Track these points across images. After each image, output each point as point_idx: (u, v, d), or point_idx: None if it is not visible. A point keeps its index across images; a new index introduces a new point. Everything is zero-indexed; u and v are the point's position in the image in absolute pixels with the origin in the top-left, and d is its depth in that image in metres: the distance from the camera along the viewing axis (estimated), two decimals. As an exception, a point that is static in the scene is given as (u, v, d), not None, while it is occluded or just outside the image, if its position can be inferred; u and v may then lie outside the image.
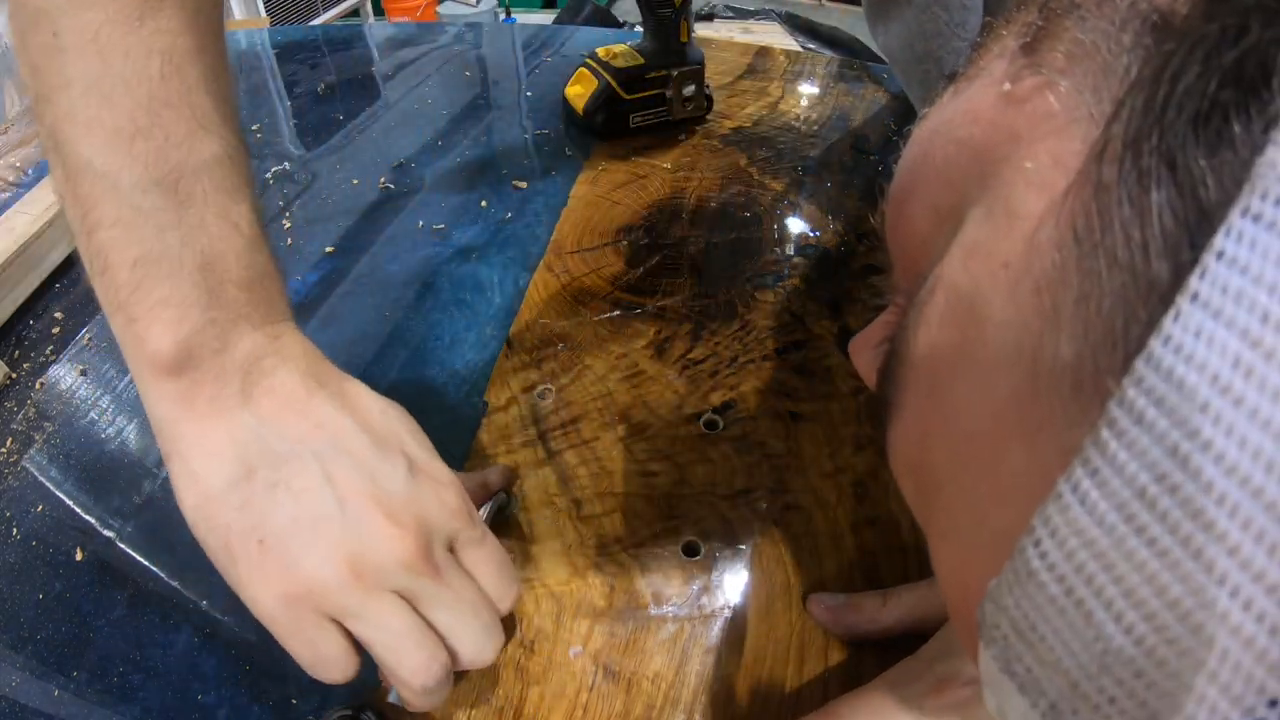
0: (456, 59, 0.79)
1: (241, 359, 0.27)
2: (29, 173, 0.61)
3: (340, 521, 0.25)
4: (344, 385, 0.29)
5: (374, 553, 0.25)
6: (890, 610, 0.32)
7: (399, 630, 0.26)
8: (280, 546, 0.25)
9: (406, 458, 0.28)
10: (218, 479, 0.26)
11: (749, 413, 0.42)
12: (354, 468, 0.26)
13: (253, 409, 0.26)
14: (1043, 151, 0.12)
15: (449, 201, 0.57)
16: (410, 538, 0.26)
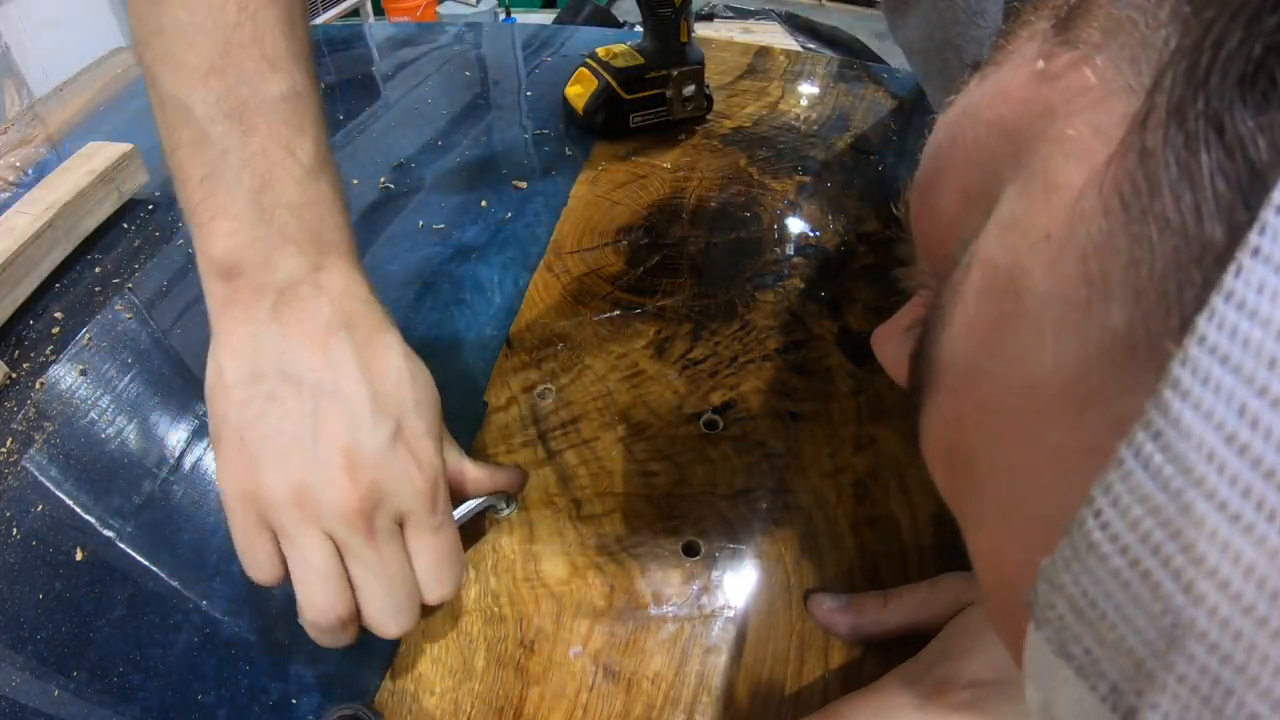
0: (456, 59, 0.79)
1: (280, 279, 0.29)
2: (29, 173, 0.61)
3: (306, 453, 0.27)
4: (374, 335, 0.30)
5: (320, 492, 0.27)
6: (891, 611, 0.32)
7: (314, 566, 0.28)
8: (253, 449, 0.28)
9: (397, 425, 0.29)
10: (232, 374, 0.29)
11: (749, 413, 0.42)
12: (341, 413, 0.28)
13: (279, 326, 0.29)
14: (1081, 123, 0.12)
15: (449, 201, 0.57)
16: (356, 494, 0.27)
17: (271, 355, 0.28)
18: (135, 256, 0.52)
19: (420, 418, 0.30)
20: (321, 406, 0.28)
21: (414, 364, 0.31)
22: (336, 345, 0.29)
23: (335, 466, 0.27)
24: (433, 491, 0.29)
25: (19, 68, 1.59)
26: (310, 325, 0.29)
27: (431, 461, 0.30)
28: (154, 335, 0.47)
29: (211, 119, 0.28)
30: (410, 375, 0.30)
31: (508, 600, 0.34)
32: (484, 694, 0.31)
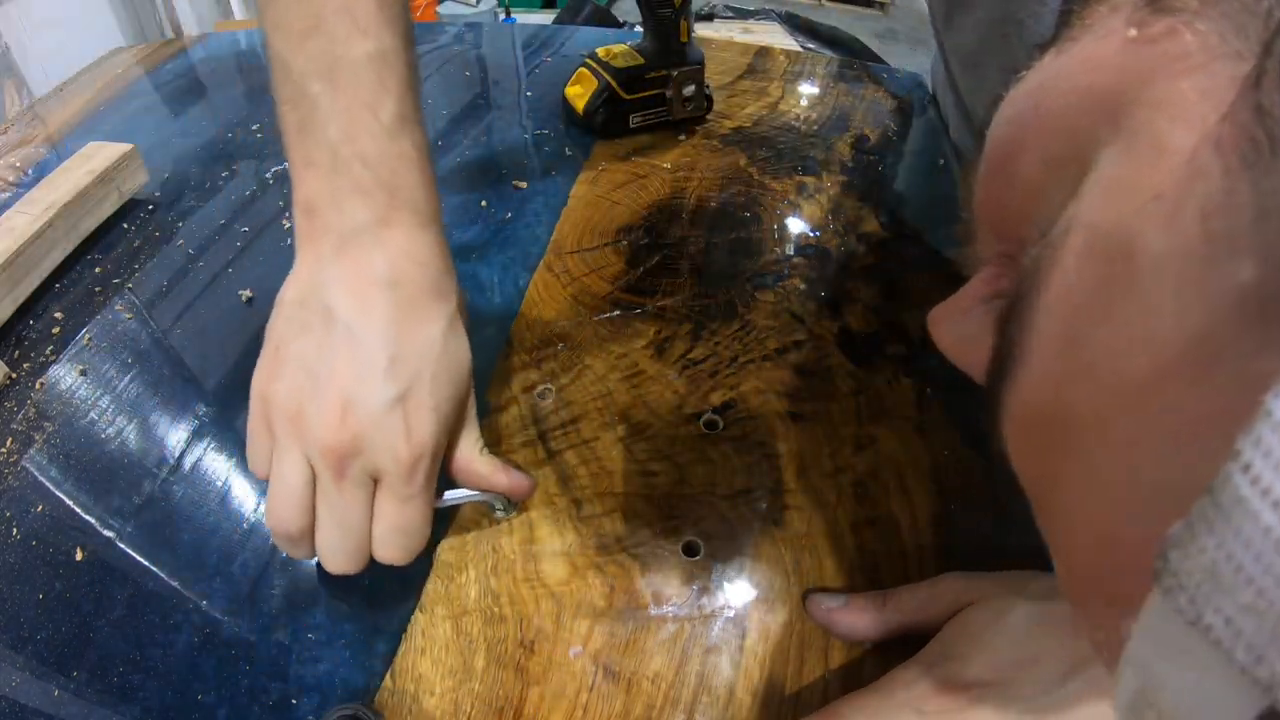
0: (456, 59, 0.79)
1: (347, 224, 0.32)
2: (29, 173, 0.61)
3: (313, 383, 0.30)
4: (419, 298, 0.32)
5: (311, 420, 0.30)
6: (890, 612, 0.32)
7: (286, 480, 0.30)
8: (280, 360, 0.31)
9: (404, 391, 0.30)
10: (289, 294, 0.32)
11: (749, 413, 0.42)
12: (355, 361, 0.30)
13: (336, 266, 0.31)
14: (1186, 87, 0.12)
15: (449, 201, 0.57)
16: (338, 437, 0.29)
17: (320, 289, 0.31)
18: (135, 256, 0.52)
19: (432, 392, 0.31)
20: (341, 348, 0.30)
21: (452, 339, 0.32)
22: (375, 297, 0.31)
23: (331, 405, 0.30)
24: (412, 464, 0.30)
25: (19, 68, 1.59)
26: (359, 273, 0.31)
27: (423, 437, 0.31)
28: (154, 335, 0.47)
29: (306, 76, 0.32)
30: (440, 348, 0.32)
31: (508, 600, 0.34)
32: (484, 694, 0.31)
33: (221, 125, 0.67)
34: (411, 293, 0.32)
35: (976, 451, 0.40)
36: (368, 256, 0.31)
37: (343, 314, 0.31)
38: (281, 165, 0.61)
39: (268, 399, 0.31)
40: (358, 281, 0.31)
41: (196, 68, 0.78)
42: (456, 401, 0.33)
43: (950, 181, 0.60)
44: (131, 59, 0.80)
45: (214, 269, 0.51)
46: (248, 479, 0.39)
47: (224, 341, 0.46)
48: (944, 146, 0.64)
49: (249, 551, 0.36)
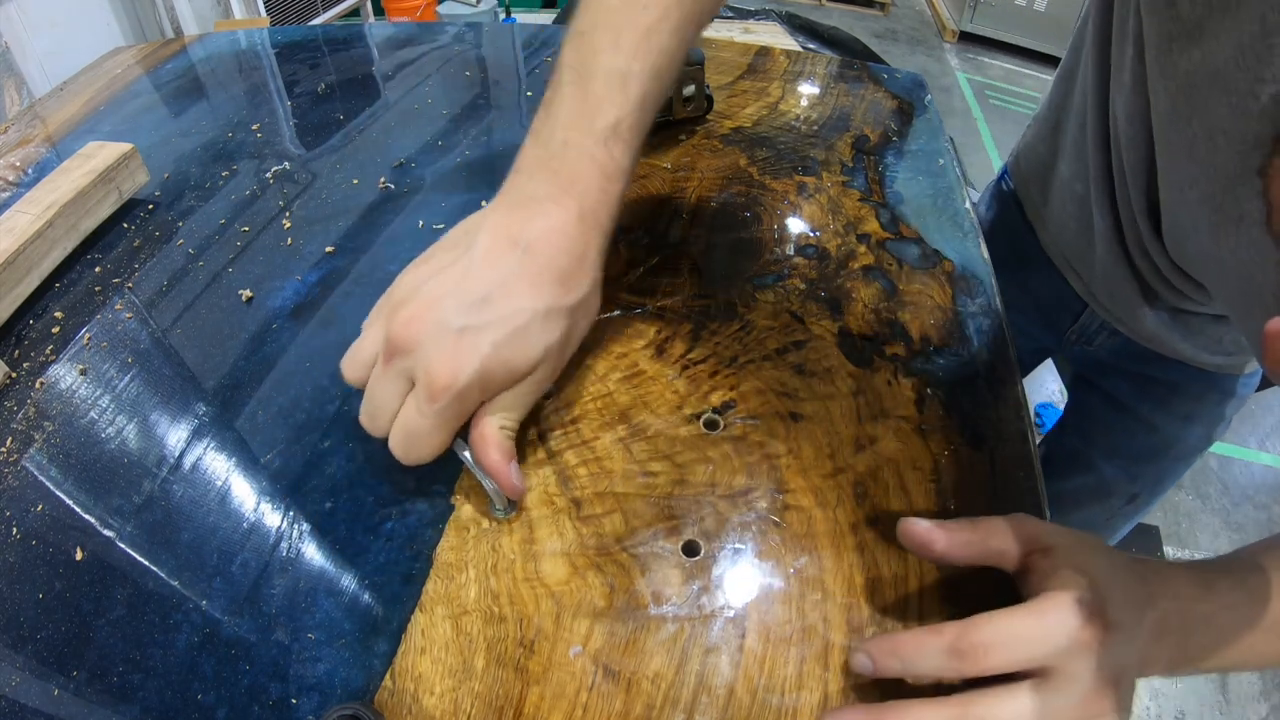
0: (456, 59, 0.79)
1: (525, 190, 0.37)
2: (29, 172, 0.61)
3: (419, 286, 0.36)
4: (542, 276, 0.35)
5: (395, 310, 0.35)
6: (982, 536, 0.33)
7: (362, 344, 0.37)
8: (421, 261, 0.38)
9: (469, 329, 0.34)
10: (469, 220, 0.38)
11: (749, 413, 0.42)
12: (456, 287, 0.35)
13: (501, 214, 0.37)
14: None
15: (449, 201, 0.57)
16: (397, 331, 0.34)
17: (481, 225, 0.37)
18: (135, 256, 0.52)
19: (493, 346, 0.34)
20: (457, 272, 0.35)
21: (543, 323, 0.35)
22: (507, 251, 0.35)
23: (414, 307, 0.35)
24: (438, 389, 0.33)
25: (19, 68, 1.59)
26: (509, 227, 0.36)
27: (459, 373, 0.33)
28: (154, 335, 0.47)
29: (565, 68, 0.38)
30: (525, 320, 0.34)
31: (508, 600, 0.34)
32: (484, 694, 0.31)
33: (221, 125, 0.67)
34: (539, 265, 0.35)
35: (976, 451, 0.40)
36: (524, 218, 0.36)
37: (478, 250, 0.35)
38: (281, 165, 0.61)
39: (395, 281, 0.38)
40: (505, 232, 0.36)
41: (196, 67, 0.78)
42: (508, 372, 0.35)
43: (950, 181, 0.60)
44: (131, 59, 0.80)
45: (214, 269, 0.51)
46: (248, 479, 0.39)
47: (224, 341, 0.46)
48: (944, 146, 0.64)
49: (249, 551, 0.36)
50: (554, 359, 0.37)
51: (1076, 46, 0.57)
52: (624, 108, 0.37)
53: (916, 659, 0.30)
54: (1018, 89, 3.52)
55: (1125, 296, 0.58)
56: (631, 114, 0.38)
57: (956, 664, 0.29)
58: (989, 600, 0.33)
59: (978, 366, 0.45)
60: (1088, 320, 0.66)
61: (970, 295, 0.49)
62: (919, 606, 0.34)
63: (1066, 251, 0.64)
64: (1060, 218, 0.63)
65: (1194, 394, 0.65)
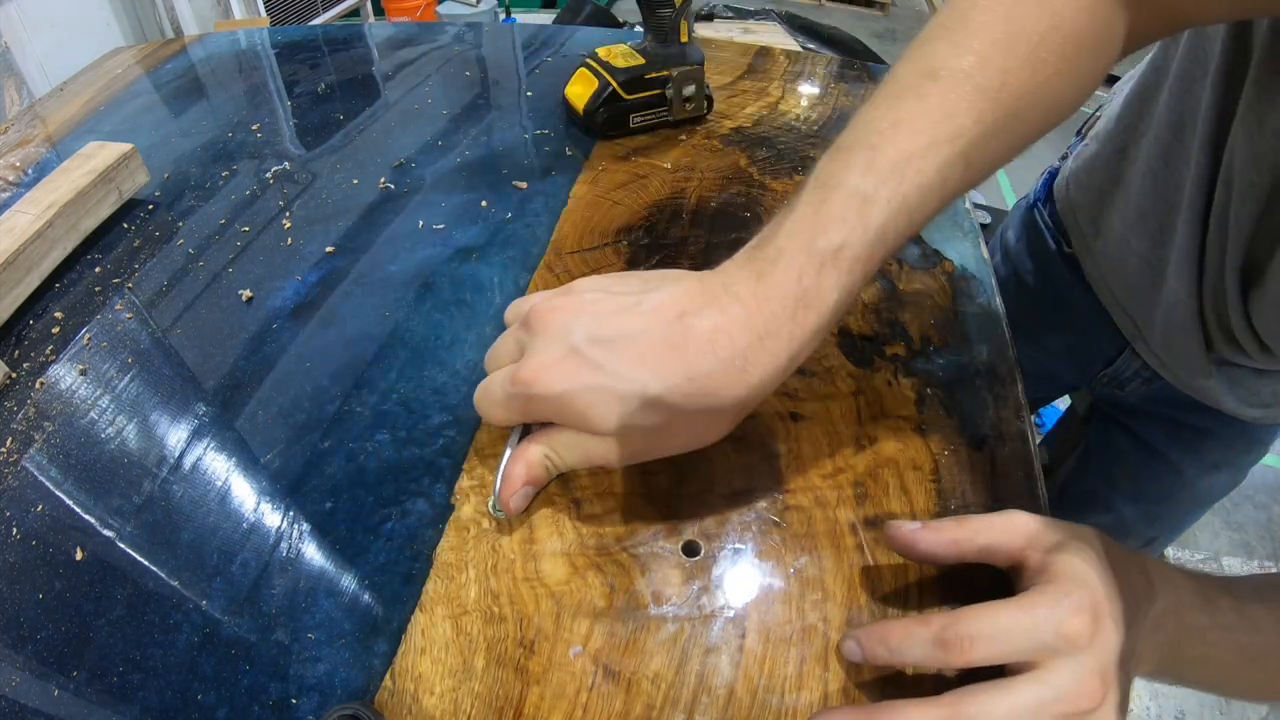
0: (456, 59, 0.79)
1: (722, 280, 0.34)
2: (29, 172, 0.61)
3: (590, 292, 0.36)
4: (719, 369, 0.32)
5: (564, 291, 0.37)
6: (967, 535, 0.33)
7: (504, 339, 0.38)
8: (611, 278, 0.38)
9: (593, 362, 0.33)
10: (670, 271, 0.37)
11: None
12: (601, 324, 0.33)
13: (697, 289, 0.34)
14: None
15: (449, 201, 0.57)
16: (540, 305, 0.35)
17: (676, 281, 0.35)
18: (135, 256, 0.52)
19: (584, 390, 0.33)
20: (622, 298, 0.34)
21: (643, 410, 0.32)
22: (665, 317, 0.33)
23: (568, 301, 0.35)
24: (520, 381, 0.34)
25: (19, 68, 1.59)
26: (689, 300, 0.33)
27: (538, 382, 0.33)
28: (154, 335, 0.47)
29: (814, 179, 0.35)
30: (623, 392, 0.32)
31: (508, 600, 0.34)
32: (484, 694, 0.31)
33: (221, 125, 0.67)
34: (680, 349, 0.32)
35: (976, 451, 0.40)
36: (704, 303, 0.33)
37: (649, 299, 0.34)
38: (281, 165, 0.61)
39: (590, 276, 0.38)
40: (683, 302, 0.33)
41: (196, 68, 0.78)
42: (580, 418, 0.33)
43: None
44: (131, 59, 0.80)
45: (214, 269, 0.51)
46: (248, 479, 0.39)
47: (224, 341, 0.46)
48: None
49: (249, 551, 0.36)
50: (634, 445, 0.34)
51: (1159, 66, 0.52)
52: (854, 233, 0.33)
53: (904, 647, 0.30)
54: (1018, 89, 3.51)
55: (1183, 348, 0.54)
56: (861, 242, 0.33)
57: (943, 654, 0.29)
58: (989, 597, 0.33)
59: (978, 366, 0.45)
60: (1124, 365, 0.63)
61: (970, 295, 0.49)
62: (919, 606, 0.34)
63: (1120, 291, 0.59)
64: (1118, 253, 0.58)
65: (1225, 441, 0.63)
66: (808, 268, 0.32)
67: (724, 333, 0.32)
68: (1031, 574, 0.32)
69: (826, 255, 0.32)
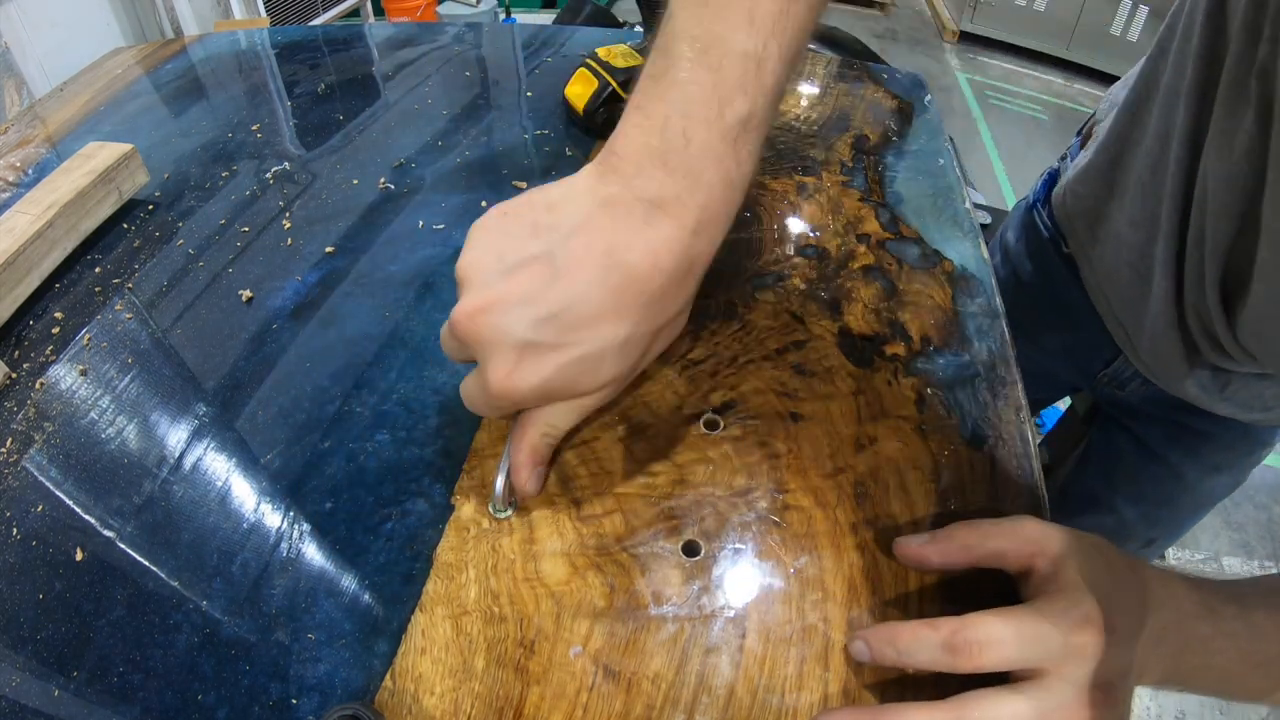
0: (456, 59, 0.79)
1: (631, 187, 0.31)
2: (29, 172, 0.61)
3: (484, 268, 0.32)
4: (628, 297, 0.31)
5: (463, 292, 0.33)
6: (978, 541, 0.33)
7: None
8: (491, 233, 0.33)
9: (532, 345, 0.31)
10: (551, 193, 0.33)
11: (749, 413, 0.42)
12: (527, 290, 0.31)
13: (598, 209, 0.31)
14: None
15: (449, 201, 0.57)
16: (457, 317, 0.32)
17: (569, 214, 0.32)
18: (135, 256, 0.52)
19: (561, 369, 0.31)
20: (535, 266, 0.31)
21: (618, 352, 0.32)
22: (598, 265, 0.31)
23: (480, 296, 0.32)
24: (495, 394, 0.32)
25: (19, 68, 1.59)
26: (611, 234, 0.31)
27: (514, 388, 0.32)
28: (154, 335, 0.47)
29: (681, 36, 0.31)
30: (602, 351, 0.31)
31: (508, 600, 0.34)
32: (484, 694, 0.31)
33: (221, 125, 0.67)
34: (633, 288, 0.31)
35: (976, 451, 0.40)
36: (629, 226, 0.31)
37: (567, 252, 0.31)
38: (281, 165, 0.61)
39: (469, 237, 0.33)
40: (604, 239, 0.31)
41: (196, 68, 0.78)
42: (570, 393, 0.33)
43: (950, 181, 0.60)
44: (131, 59, 0.80)
45: (214, 269, 0.51)
46: (248, 479, 0.39)
47: (224, 342, 0.46)
48: (944, 146, 0.64)
49: (249, 551, 0.36)
50: (622, 380, 0.35)
51: (1150, 76, 0.51)
52: (758, 99, 0.31)
53: (912, 650, 0.30)
54: (1018, 89, 3.52)
55: (1170, 358, 0.54)
56: (764, 107, 0.32)
57: (950, 659, 0.29)
58: (990, 602, 0.33)
59: (978, 366, 0.45)
60: (1123, 365, 0.63)
61: (970, 295, 0.49)
62: (919, 606, 0.34)
63: (1113, 299, 0.59)
64: (1112, 262, 0.57)
65: (1226, 443, 0.63)
66: (724, 148, 0.31)
67: (662, 251, 0.31)
68: (1039, 581, 0.32)
69: (738, 128, 0.31)
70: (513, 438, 0.36)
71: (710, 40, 0.31)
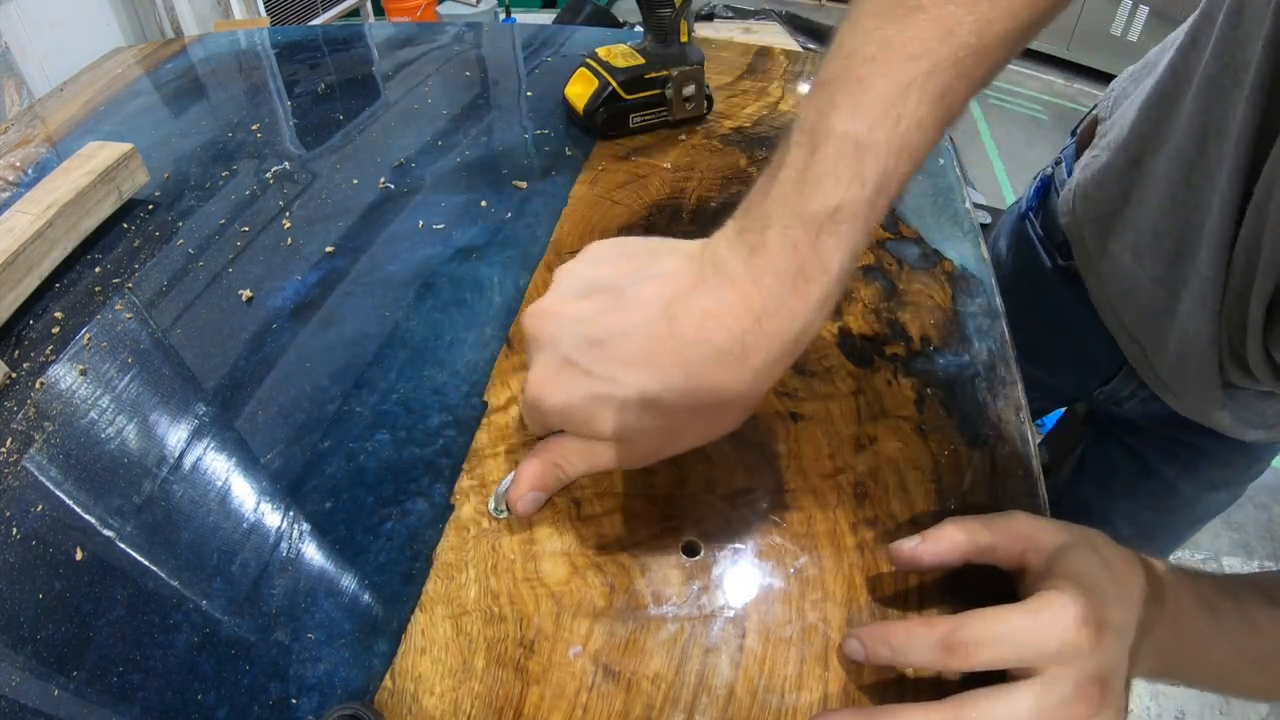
0: (456, 59, 0.79)
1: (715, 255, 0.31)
2: (29, 172, 0.61)
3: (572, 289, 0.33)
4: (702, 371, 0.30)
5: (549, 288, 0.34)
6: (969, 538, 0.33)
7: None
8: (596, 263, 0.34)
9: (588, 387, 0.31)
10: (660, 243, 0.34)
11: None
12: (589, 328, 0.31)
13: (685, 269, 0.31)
14: None
15: (449, 201, 0.57)
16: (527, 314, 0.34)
17: (665, 260, 0.32)
18: (135, 256, 0.52)
19: (585, 400, 0.31)
20: (609, 292, 0.32)
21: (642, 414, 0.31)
22: (652, 308, 0.30)
23: (551, 303, 0.33)
24: (528, 400, 0.33)
25: (19, 68, 1.59)
26: (676, 285, 0.30)
27: (542, 399, 0.32)
28: (154, 335, 0.47)
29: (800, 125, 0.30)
30: (622, 398, 0.30)
31: (508, 600, 0.34)
32: (484, 694, 0.31)
33: (221, 125, 0.67)
34: (668, 338, 0.30)
35: (976, 451, 0.40)
36: (693, 286, 0.30)
37: (635, 288, 0.31)
38: (281, 165, 0.61)
39: (581, 253, 0.35)
40: (670, 288, 0.30)
41: (196, 68, 0.78)
42: (586, 428, 0.32)
43: (950, 181, 0.60)
44: (131, 59, 0.80)
45: (214, 269, 0.51)
46: (248, 479, 0.39)
47: (224, 341, 0.46)
48: (944, 146, 0.64)
49: (249, 551, 0.36)
50: (639, 447, 0.32)
51: (1179, 69, 0.47)
52: (851, 189, 0.28)
53: (907, 649, 0.30)
54: (1018, 89, 3.52)
55: (1198, 377, 0.50)
56: (859, 200, 0.28)
57: (946, 658, 0.29)
58: (989, 601, 0.33)
59: (978, 366, 0.45)
60: (1120, 385, 0.61)
61: (970, 295, 0.49)
62: (919, 606, 0.34)
63: (1127, 316, 0.55)
64: (1128, 275, 0.53)
65: (1223, 460, 0.62)
66: (802, 236, 0.28)
67: (716, 319, 0.29)
68: (1034, 577, 0.32)
69: (822, 219, 0.28)
70: (533, 450, 0.35)
71: (814, 124, 0.29)
